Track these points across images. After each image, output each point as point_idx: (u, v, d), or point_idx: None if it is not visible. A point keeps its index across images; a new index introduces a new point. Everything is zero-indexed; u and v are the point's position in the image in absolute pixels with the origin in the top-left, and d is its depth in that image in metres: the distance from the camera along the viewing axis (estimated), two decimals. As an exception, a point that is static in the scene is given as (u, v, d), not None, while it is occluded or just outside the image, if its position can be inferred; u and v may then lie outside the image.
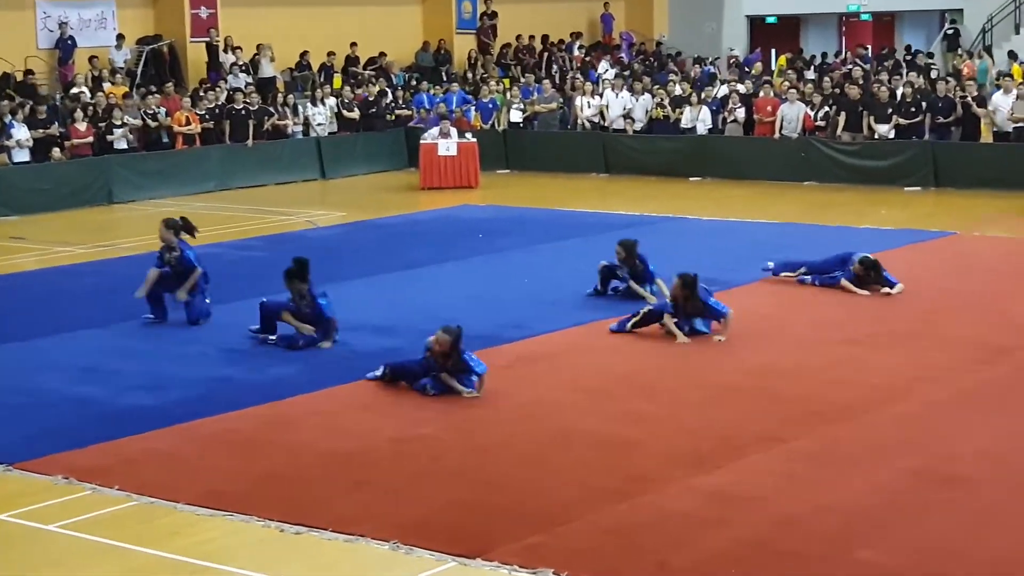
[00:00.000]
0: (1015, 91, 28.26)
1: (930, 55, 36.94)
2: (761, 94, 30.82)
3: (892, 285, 17.33)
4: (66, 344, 16.30)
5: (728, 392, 13.71)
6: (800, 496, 10.71)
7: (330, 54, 34.69)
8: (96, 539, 10.33)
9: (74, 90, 30.00)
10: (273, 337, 16.02)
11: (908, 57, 36.87)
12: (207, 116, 30.10)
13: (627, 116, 31.64)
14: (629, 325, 15.91)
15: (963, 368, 14.28)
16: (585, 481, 11.17)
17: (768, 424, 12.55)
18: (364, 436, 12.52)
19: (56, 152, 27.77)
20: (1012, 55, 34.59)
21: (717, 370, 14.51)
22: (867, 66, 34.46)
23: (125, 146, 28.54)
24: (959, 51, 35.59)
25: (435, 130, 29.98)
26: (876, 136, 28.53)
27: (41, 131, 27.87)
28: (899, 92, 29.33)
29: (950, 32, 38.02)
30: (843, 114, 29.09)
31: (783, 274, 18.51)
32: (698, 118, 30.64)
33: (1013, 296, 17.44)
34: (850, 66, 34.36)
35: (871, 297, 17.59)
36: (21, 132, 27.54)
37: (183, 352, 15.78)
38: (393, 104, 33.06)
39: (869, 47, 37.34)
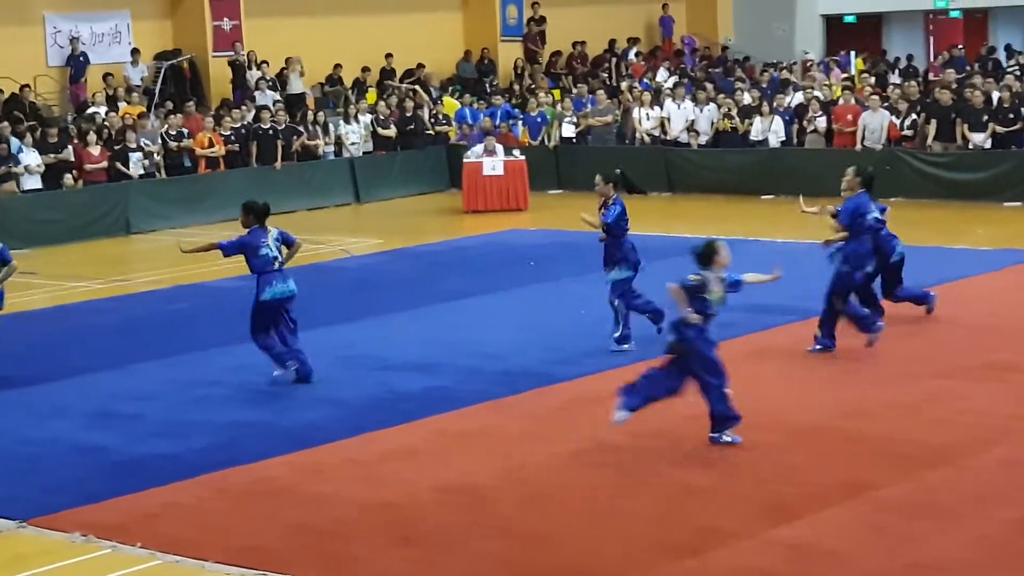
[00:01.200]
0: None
1: (1017, 53, 36.77)
2: (841, 101, 30.70)
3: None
4: (80, 388, 16.36)
5: (808, 434, 13.62)
6: (891, 551, 10.57)
7: (365, 70, 34.84)
8: (114, 603, 10.36)
9: (89, 110, 30.14)
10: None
11: (1008, 61, 36.66)
12: (232, 137, 30.24)
13: (690, 129, 31.68)
14: None
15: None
16: (649, 534, 11.09)
17: (854, 469, 12.43)
18: (406, 486, 12.46)
19: (68, 179, 27.95)
20: None
21: (796, 409, 14.42)
22: (960, 69, 34.34)
23: (143, 171, 28.64)
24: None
25: (479, 147, 30.04)
26: (971, 146, 28.41)
27: (52, 156, 28.08)
28: (996, 97, 29.19)
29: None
30: (933, 122, 28.98)
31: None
32: (769, 129, 30.62)
33: None
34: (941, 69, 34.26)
35: (961, 326, 17.47)
36: (31, 157, 27.73)
37: (205, 395, 15.82)
38: (433, 120, 33.10)
39: (962, 47, 37.20)
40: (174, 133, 29.69)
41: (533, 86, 35.26)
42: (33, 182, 27.61)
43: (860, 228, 16.66)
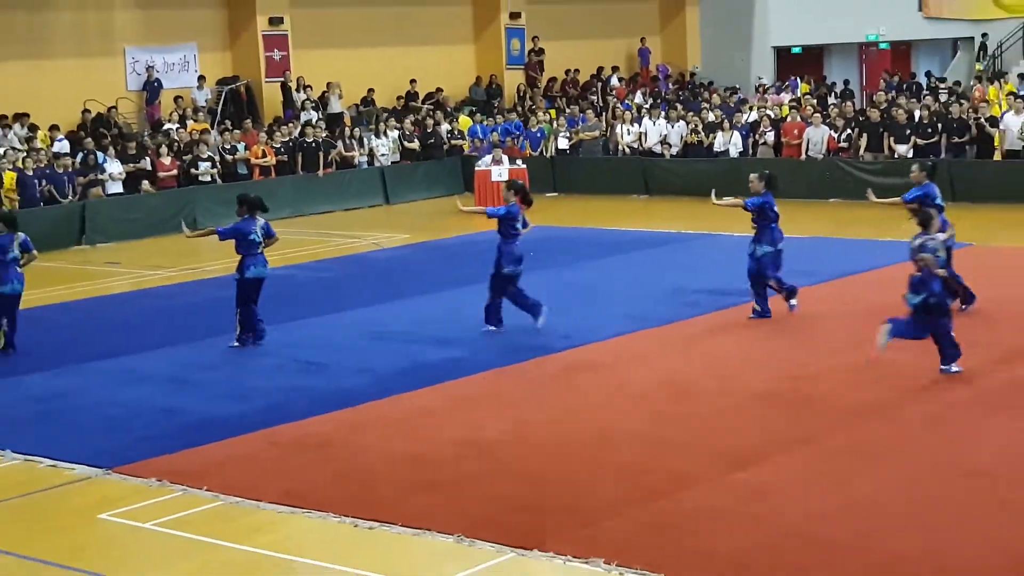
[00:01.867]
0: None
1: (942, 80, 36.73)
2: (788, 119, 30.74)
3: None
4: (157, 359, 16.41)
5: (762, 395, 13.65)
6: (828, 491, 10.64)
7: (399, 98, 34.82)
8: (186, 536, 10.42)
9: (162, 128, 30.16)
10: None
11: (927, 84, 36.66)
12: (281, 149, 30.25)
13: (664, 142, 31.68)
14: None
15: (983, 370, 14.13)
16: (630, 479, 11.16)
17: (799, 424, 12.50)
18: (428, 439, 12.54)
19: (145, 184, 28.05)
20: (1022, 78, 34.37)
21: (751, 374, 14.47)
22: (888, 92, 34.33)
23: (209, 179, 28.69)
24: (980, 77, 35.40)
25: (488, 158, 30.06)
26: (896, 156, 28.39)
27: (131, 166, 28.18)
28: (917, 115, 29.22)
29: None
30: (865, 136, 29.02)
31: None
32: (729, 142, 30.64)
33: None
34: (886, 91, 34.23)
35: (890, 304, 17.44)
36: (114, 167, 27.84)
37: (262, 365, 15.88)
38: (450, 135, 33.14)
39: (894, 73, 37.15)
40: (232, 146, 29.73)
41: (533, 106, 35.24)
42: (116, 187, 27.70)
43: (767, 218, 16.96)
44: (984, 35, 38.03)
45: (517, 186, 17.86)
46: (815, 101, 32.81)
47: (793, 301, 17.10)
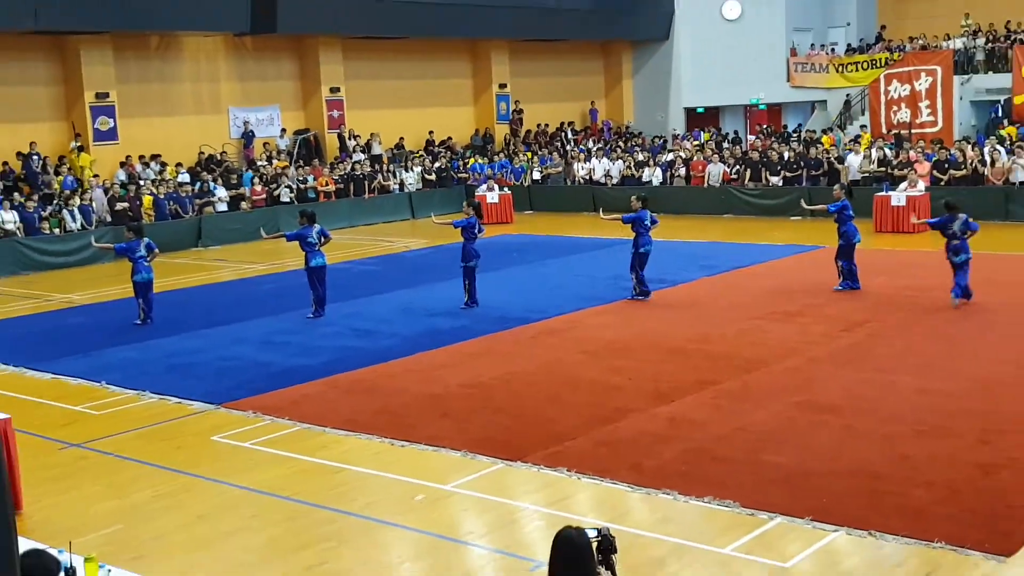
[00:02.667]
0: (862, 153, 28.22)
1: (798, 129, 36.67)
2: (695, 158, 30.71)
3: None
4: (252, 327, 16.36)
5: (677, 351, 13.65)
6: (726, 420, 10.66)
7: (423, 144, 34.81)
8: (273, 451, 10.43)
9: (255, 164, 30.11)
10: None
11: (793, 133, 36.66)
12: (339, 180, 30.13)
13: (607, 175, 31.61)
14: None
15: (832, 335, 14.18)
16: (586, 412, 11.15)
17: (704, 373, 12.50)
18: (443, 383, 12.51)
19: (243, 204, 27.95)
20: (863, 128, 34.33)
21: (670, 337, 14.43)
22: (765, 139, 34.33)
23: (287, 200, 28.58)
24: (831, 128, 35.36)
25: (484, 186, 30.03)
26: (770, 184, 28.41)
27: (233, 191, 28.06)
28: (785, 155, 29.22)
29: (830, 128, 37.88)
30: (748, 170, 29.03)
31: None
32: (654, 175, 30.60)
33: (865, 283, 17.26)
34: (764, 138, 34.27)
35: (765, 289, 17.50)
36: (220, 192, 27.74)
37: (326, 332, 15.82)
38: (457, 170, 33.06)
39: (769, 126, 37.18)
40: (304, 178, 29.63)
41: (515, 150, 35.16)
42: (222, 207, 27.58)
43: (642, 228, 16.97)
44: (824, 101, 38.10)
45: (475, 205, 17.88)
46: (713, 145, 32.76)
47: (644, 292, 17.03)
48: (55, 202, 25.06)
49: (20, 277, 22.86)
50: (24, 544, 5.07)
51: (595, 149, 34.51)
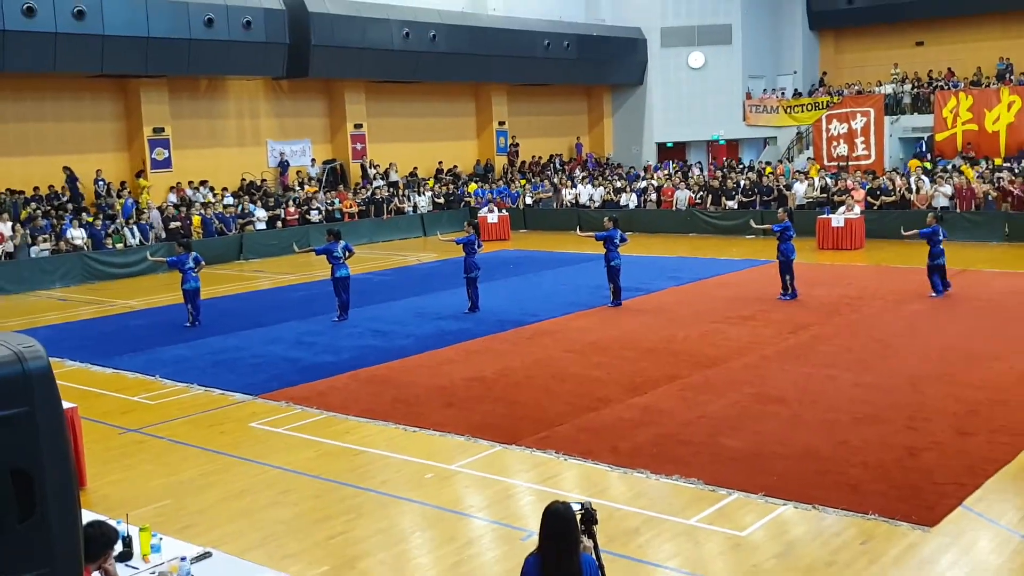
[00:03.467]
0: (807, 182, 28.22)
1: (752, 162, 36.70)
2: (665, 185, 30.68)
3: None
4: (285, 329, 16.30)
5: (650, 351, 13.61)
6: (690, 409, 10.63)
7: (438, 171, 34.78)
8: (303, 436, 10.36)
9: (290, 190, 30.05)
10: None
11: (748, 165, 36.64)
12: (362, 203, 30.06)
13: (590, 199, 31.57)
14: None
15: (780, 337, 14.16)
16: (571, 402, 11.12)
17: (671, 369, 12.47)
18: (449, 377, 12.47)
19: (279, 224, 27.86)
20: (809, 159, 34.37)
21: (643, 338, 14.40)
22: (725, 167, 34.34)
23: (317, 220, 28.52)
24: (780, 159, 35.31)
25: (486, 208, 29.97)
26: (728, 208, 28.38)
27: (271, 212, 27.95)
28: (741, 183, 29.20)
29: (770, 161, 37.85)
30: (710, 196, 29.00)
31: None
32: (630, 200, 30.57)
33: (809, 292, 17.28)
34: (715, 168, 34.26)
35: (724, 296, 17.48)
36: (260, 213, 27.64)
37: (348, 332, 15.76)
38: (462, 194, 33.01)
39: (728, 158, 37.18)
40: (332, 201, 29.56)
41: (512, 178, 35.14)
42: (261, 226, 27.47)
43: (611, 245, 16.95)
44: (775, 137, 38.12)
45: (474, 224, 17.74)
46: (681, 175, 32.76)
47: (617, 302, 16.93)
48: (117, 220, 25.02)
49: (87, 285, 22.81)
50: (87, 516, 5.03)
51: (580, 177, 34.49)
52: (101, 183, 26.23)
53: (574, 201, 31.99)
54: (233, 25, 26.35)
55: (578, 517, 4.64)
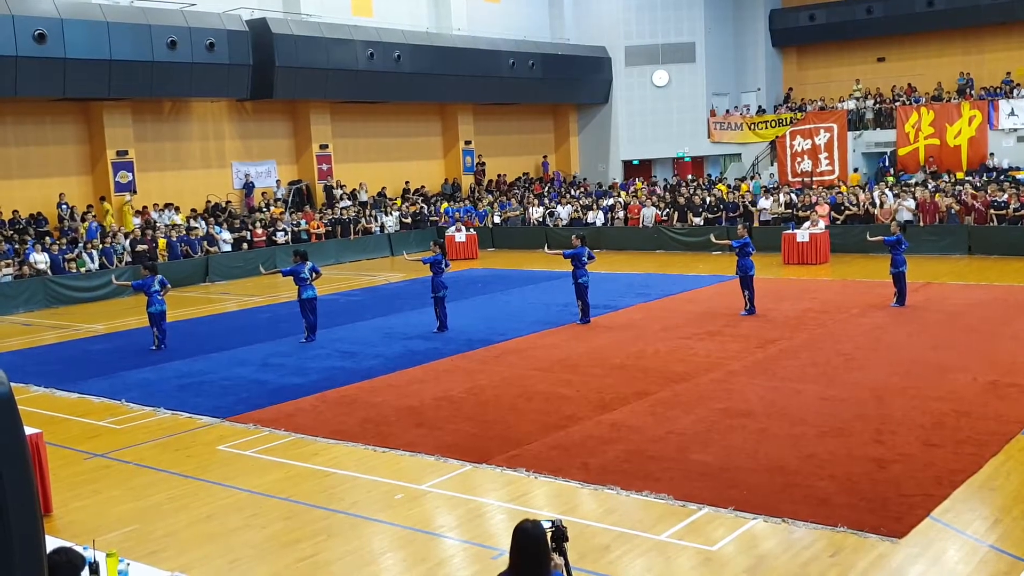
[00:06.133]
0: (771, 198, 28.47)
1: (720, 178, 37.04)
2: (632, 203, 30.86)
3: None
4: (252, 351, 16.19)
5: (619, 367, 13.65)
6: (659, 425, 10.67)
7: (405, 191, 34.77)
8: (271, 458, 10.27)
9: (255, 211, 29.91)
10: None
11: (712, 180, 36.98)
12: (328, 223, 29.96)
13: (558, 217, 31.66)
14: None
15: (747, 351, 14.26)
16: (541, 419, 11.12)
17: (640, 385, 12.52)
18: (418, 397, 12.44)
19: (244, 245, 27.70)
20: (771, 176, 34.75)
21: (611, 355, 14.45)
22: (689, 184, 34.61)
23: (283, 242, 28.38)
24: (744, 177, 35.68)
25: (453, 227, 30.00)
26: (694, 224, 28.58)
27: (236, 234, 27.78)
28: (707, 199, 29.43)
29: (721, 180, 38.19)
30: (676, 212, 29.20)
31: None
32: (596, 217, 30.70)
33: (775, 307, 17.44)
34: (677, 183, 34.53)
35: (692, 312, 17.58)
36: (225, 235, 27.47)
37: (316, 353, 15.68)
38: (430, 214, 33.02)
39: (693, 175, 37.49)
40: (298, 222, 29.44)
41: (479, 197, 35.20)
42: (226, 247, 27.30)
43: (580, 263, 17.06)
44: (735, 157, 38.54)
45: (440, 243, 17.74)
46: (647, 192, 32.97)
47: (586, 319, 17.01)
48: (80, 245, 24.78)
49: (51, 310, 22.54)
50: (52, 543, 4.97)
51: (547, 196, 34.61)
52: (64, 207, 25.98)
53: (541, 219, 32.10)
54: (196, 47, 26.26)
55: (548, 535, 4.64)
